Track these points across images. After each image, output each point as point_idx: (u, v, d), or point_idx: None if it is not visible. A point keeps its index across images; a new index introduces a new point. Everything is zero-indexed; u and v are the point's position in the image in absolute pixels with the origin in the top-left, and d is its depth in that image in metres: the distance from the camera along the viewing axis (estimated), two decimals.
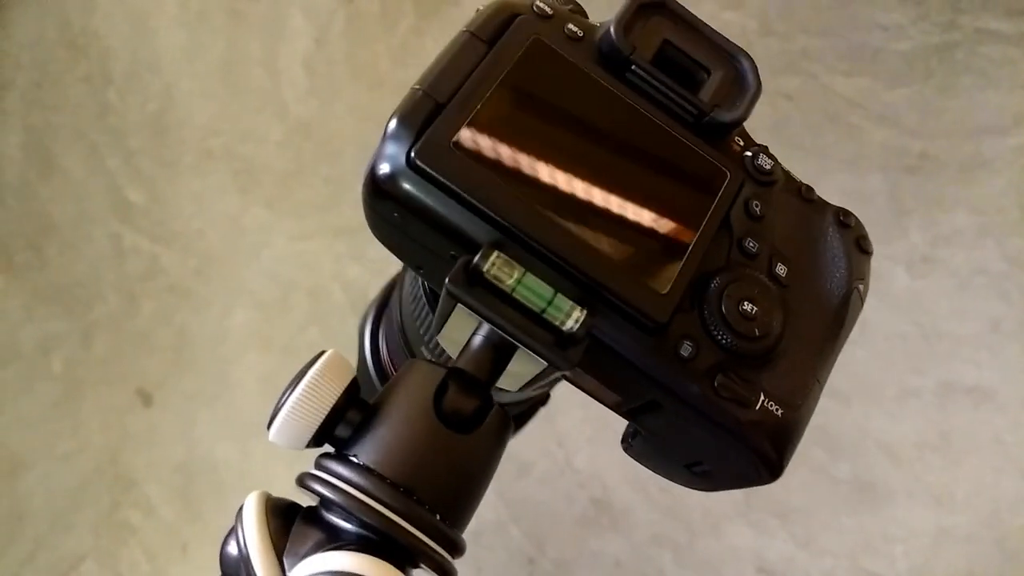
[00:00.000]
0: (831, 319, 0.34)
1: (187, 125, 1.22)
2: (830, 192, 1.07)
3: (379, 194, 0.29)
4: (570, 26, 0.33)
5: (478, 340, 0.30)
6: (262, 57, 1.25)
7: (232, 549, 0.28)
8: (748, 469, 0.32)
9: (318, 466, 0.29)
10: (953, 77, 1.09)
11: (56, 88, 1.23)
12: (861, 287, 0.36)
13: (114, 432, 1.07)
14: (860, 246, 0.36)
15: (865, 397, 0.94)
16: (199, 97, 1.23)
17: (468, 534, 0.92)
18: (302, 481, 0.29)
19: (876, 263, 1.00)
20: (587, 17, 0.35)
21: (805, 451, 0.93)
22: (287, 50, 1.25)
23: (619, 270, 0.29)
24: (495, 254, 0.28)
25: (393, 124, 0.29)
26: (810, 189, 0.36)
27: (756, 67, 0.34)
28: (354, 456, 0.29)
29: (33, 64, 1.24)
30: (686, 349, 0.30)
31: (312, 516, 0.29)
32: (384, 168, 0.29)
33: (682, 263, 0.30)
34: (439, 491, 0.29)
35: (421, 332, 0.46)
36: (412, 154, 0.28)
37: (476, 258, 0.28)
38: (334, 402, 0.29)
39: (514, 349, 0.29)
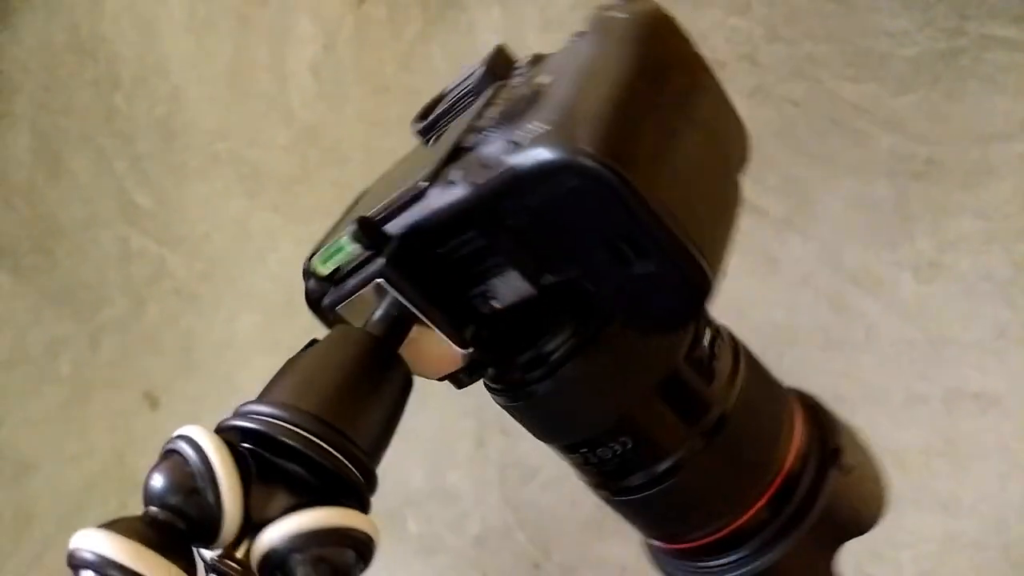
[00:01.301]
0: (593, 59, 0.31)
1: (194, 129, 1.22)
2: (837, 198, 1.07)
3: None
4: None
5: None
6: (269, 62, 1.25)
7: (161, 480, 0.25)
8: (586, 201, 0.27)
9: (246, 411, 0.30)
10: (959, 83, 1.09)
11: (64, 92, 1.23)
12: None
13: (121, 434, 1.07)
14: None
15: (871, 403, 0.94)
16: (206, 101, 1.24)
17: (473, 539, 0.92)
18: (234, 421, 0.29)
19: (882, 269, 1.00)
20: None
21: None
22: (294, 55, 1.25)
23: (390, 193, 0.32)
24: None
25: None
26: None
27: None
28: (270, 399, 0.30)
29: (41, 68, 1.24)
30: (455, 175, 0.30)
31: (260, 461, 0.27)
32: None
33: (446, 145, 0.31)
34: (347, 411, 0.29)
35: None
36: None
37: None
38: None
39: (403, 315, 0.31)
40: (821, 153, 1.08)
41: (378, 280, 0.31)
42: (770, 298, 1.01)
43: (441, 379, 0.35)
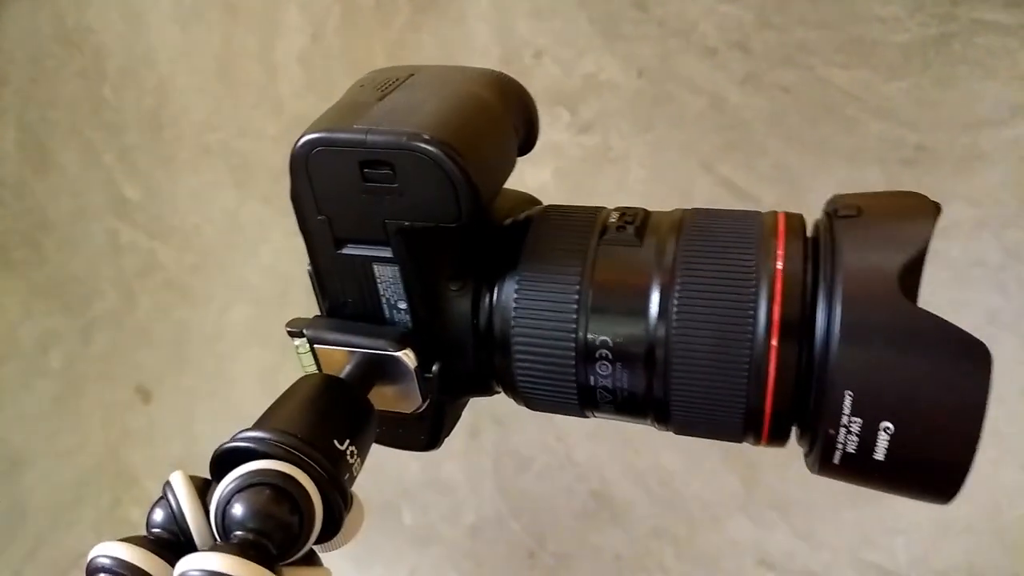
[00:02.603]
0: None
1: (183, 121, 1.21)
2: (828, 184, 1.07)
3: None
4: None
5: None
6: (258, 52, 1.25)
7: (158, 515, 0.32)
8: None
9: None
10: (950, 68, 1.09)
11: (51, 84, 1.22)
12: None
13: (114, 428, 1.07)
14: None
15: None
16: (195, 92, 1.23)
17: (468, 529, 0.92)
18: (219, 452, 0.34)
19: None
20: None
21: None
22: (283, 45, 1.25)
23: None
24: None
25: None
26: None
27: None
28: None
29: (28, 60, 1.24)
30: None
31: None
32: None
33: None
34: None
35: None
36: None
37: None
38: None
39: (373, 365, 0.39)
40: (812, 140, 1.08)
41: (316, 346, 0.40)
42: None
43: (428, 399, 0.39)
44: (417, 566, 0.99)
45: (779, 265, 0.33)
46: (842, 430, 0.31)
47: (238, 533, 0.29)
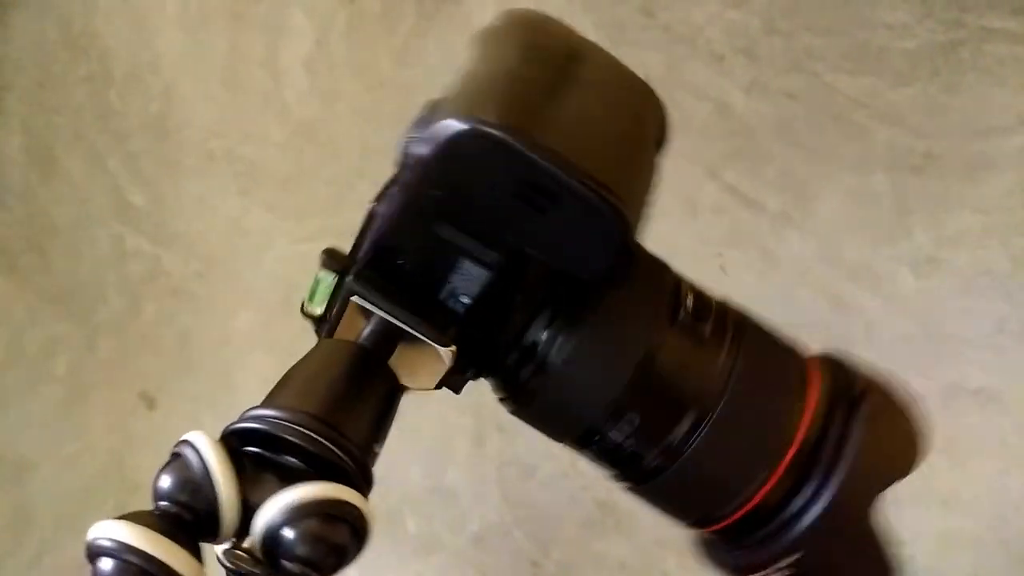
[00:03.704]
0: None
1: (188, 127, 1.21)
2: (835, 192, 1.07)
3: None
4: None
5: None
6: (263, 58, 1.25)
7: (168, 481, 0.28)
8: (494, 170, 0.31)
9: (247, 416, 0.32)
10: (959, 76, 1.08)
11: (57, 90, 1.23)
12: None
13: (118, 434, 1.07)
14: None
15: None
16: (200, 98, 1.23)
17: (472, 538, 0.92)
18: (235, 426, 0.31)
19: (881, 264, 1.00)
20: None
21: None
22: (288, 51, 1.25)
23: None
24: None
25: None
26: None
27: None
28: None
29: (34, 65, 1.24)
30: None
31: (259, 458, 0.30)
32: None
33: None
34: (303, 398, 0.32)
35: None
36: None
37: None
38: None
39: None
40: (819, 147, 1.08)
41: (353, 298, 0.34)
42: (768, 294, 1.01)
43: (438, 386, 0.37)
44: (421, 574, 0.99)
45: (800, 435, 0.37)
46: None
47: (289, 565, 0.27)
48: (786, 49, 1.14)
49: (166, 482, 0.28)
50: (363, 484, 0.30)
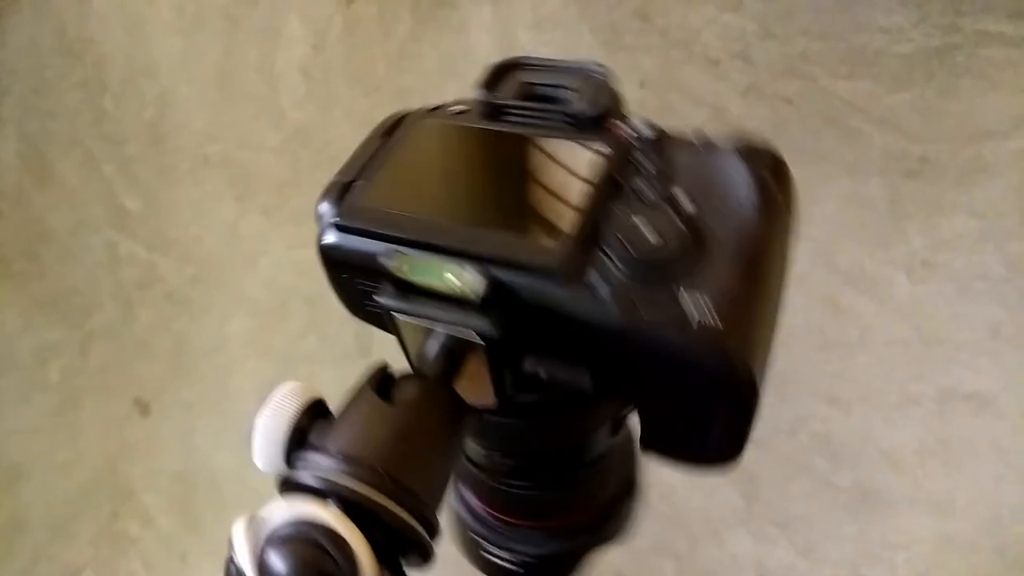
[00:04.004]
0: (755, 246, 0.34)
1: (184, 132, 1.21)
2: (830, 196, 1.06)
3: (329, 262, 0.35)
4: (452, 107, 0.39)
5: (429, 344, 0.34)
6: (259, 63, 1.25)
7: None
8: (712, 392, 0.31)
9: (291, 470, 0.32)
10: (954, 80, 1.08)
11: (52, 95, 1.22)
12: (786, 217, 0.38)
13: (112, 441, 1.06)
14: (775, 174, 0.37)
15: (866, 404, 0.94)
16: (196, 103, 1.23)
17: None
18: (281, 485, 0.31)
19: (876, 269, 0.99)
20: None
21: (806, 459, 0.92)
22: (284, 56, 1.25)
23: (511, 242, 0.32)
24: (406, 262, 0.32)
25: (320, 206, 0.35)
26: (702, 132, 0.37)
27: (605, 67, 0.38)
28: (320, 448, 0.31)
29: (29, 71, 1.24)
30: (596, 280, 0.31)
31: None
32: (325, 240, 0.34)
33: (573, 220, 0.33)
34: (392, 461, 0.31)
35: None
36: (336, 220, 0.34)
37: (384, 260, 0.32)
38: (294, 417, 0.32)
39: (463, 347, 0.33)
40: (814, 151, 1.08)
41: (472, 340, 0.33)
42: None
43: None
44: None
45: None
46: None
47: None
48: (782, 53, 1.14)
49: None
50: (433, 550, 0.30)
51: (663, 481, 0.95)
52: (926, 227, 1.01)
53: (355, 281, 0.36)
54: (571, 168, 0.35)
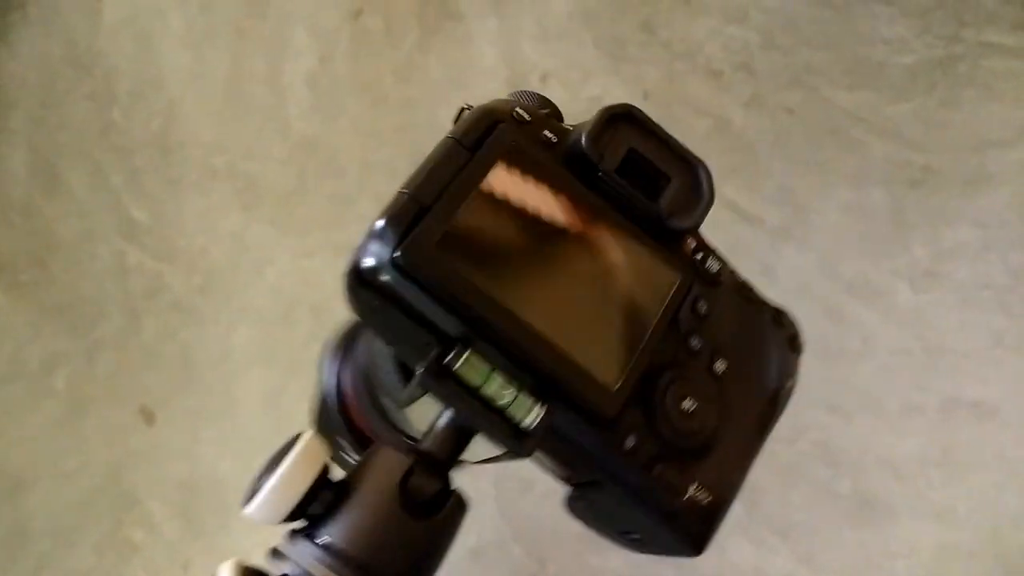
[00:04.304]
0: (761, 413, 0.38)
1: (191, 143, 1.22)
2: (833, 206, 1.07)
3: (363, 285, 0.31)
4: (545, 132, 0.35)
5: (443, 422, 0.34)
6: (266, 75, 1.26)
7: None
8: (674, 546, 0.36)
9: (288, 542, 0.32)
10: (957, 90, 1.08)
11: (61, 107, 1.24)
12: (790, 383, 0.40)
13: (117, 449, 1.07)
14: (792, 345, 0.41)
15: (867, 413, 0.93)
16: (203, 115, 1.24)
17: (469, 552, 0.91)
18: (272, 557, 0.31)
19: (879, 278, 1.00)
20: (563, 120, 0.38)
21: (807, 467, 0.92)
22: (291, 68, 1.26)
23: (576, 367, 0.32)
24: (467, 354, 0.30)
25: (380, 224, 0.31)
26: (750, 288, 0.39)
27: (711, 177, 0.36)
28: (324, 535, 0.31)
29: (38, 83, 1.25)
30: (630, 441, 0.33)
31: None
32: (369, 263, 0.31)
33: (632, 360, 0.33)
34: (399, 572, 0.31)
35: (386, 384, 0.48)
36: (396, 255, 0.30)
37: (449, 356, 0.30)
38: (308, 486, 0.31)
39: (475, 432, 0.33)
40: (817, 162, 1.08)
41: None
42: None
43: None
44: None
45: None
46: None
47: None
48: (785, 64, 1.14)
49: None
50: None
51: None
52: (929, 237, 1.01)
53: (387, 316, 0.32)
54: (645, 288, 0.35)
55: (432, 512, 0.33)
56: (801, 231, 1.03)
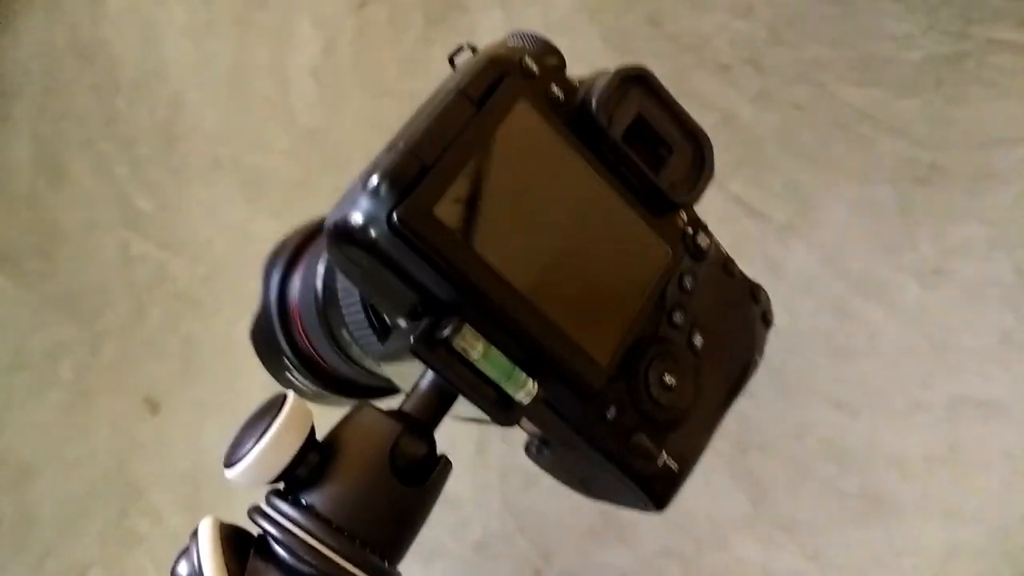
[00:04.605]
0: (731, 386, 0.39)
1: (195, 133, 1.22)
2: (840, 203, 1.06)
3: (350, 242, 0.30)
4: (553, 88, 0.34)
5: (426, 384, 0.33)
6: (270, 66, 1.25)
7: (183, 570, 0.29)
8: (639, 503, 0.36)
9: (271, 505, 0.31)
10: (964, 87, 1.08)
11: (65, 96, 1.23)
12: (759, 357, 0.41)
13: (122, 440, 1.07)
14: (765, 319, 0.41)
15: (874, 410, 0.94)
16: (207, 105, 1.24)
17: (474, 545, 0.92)
18: (255, 517, 0.31)
19: (886, 275, 1.00)
20: (565, 66, 0.37)
21: (813, 464, 0.92)
22: (295, 59, 1.25)
23: (570, 341, 0.32)
24: (464, 327, 0.29)
25: (375, 180, 0.29)
26: (732, 262, 0.40)
27: (713, 151, 0.37)
28: (308, 499, 0.31)
29: (42, 72, 1.24)
30: (611, 412, 0.34)
31: (266, 551, 0.30)
32: (359, 220, 0.29)
33: (621, 334, 0.33)
34: (386, 537, 0.32)
35: (349, 322, 0.46)
36: (394, 216, 0.29)
37: (446, 329, 0.29)
38: (295, 452, 0.31)
39: (457, 395, 0.32)
40: (824, 158, 1.08)
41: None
42: (773, 304, 1.01)
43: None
44: None
45: None
46: None
47: None
48: (792, 60, 1.14)
49: (181, 570, 0.29)
50: None
51: None
52: (936, 234, 1.01)
53: (374, 274, 0.31)
54: (638, 261, 0.35)
55: (422, 478, 0.32)
56: (808, 227, 1.03)
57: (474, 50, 0.35)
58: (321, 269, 0.49)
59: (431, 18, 1.26)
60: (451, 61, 0.35)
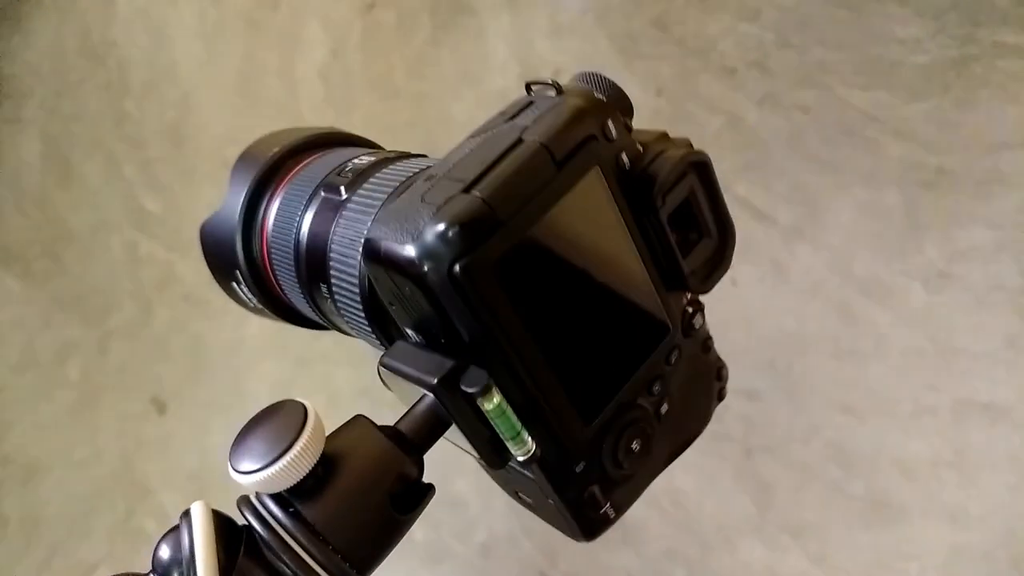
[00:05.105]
0: (675, 451, 0.40)
1: (204, 134, 1.22)
2: (846, 206, 1.06)
3: (401, 272, 0.29)
4: (623, 156, 0.33)
5: (423, 409, 0.32)
6: (279, 67, 1.26)
7: (165, 552, 0.28)
8: (572, 534, 0.37)
9: (264, 506, 0.30)
10: (971, 91, 1.08)
11: (75, 97, 1.24)
12: (705, 427, 0.41)
13: (129, 439, 1.07)
14: (720, 395, 0.42)
15: (880, 414, 0.94)
16: (216, 106, 1.24)
17: (480, 547, 0.92)
18: (245, 511, 0.30)
19: (892, 278, 0.99)
20: (632, 112, 0.36)
21: (819, 467, 0.92)
22: (304, 60, 1.26)
23: (568, 405, 0.32)
24: (487, 384, 0.29)
25: (444, 226, 0.27)
26: (711, 340, 0.40)
27: (734, 248, 0.37)
28: (303, 508, 0.30)
29: (53, 73, 1.25)
30: (580, 467, 0.34)
31: (256, 553, 0.30)
32: (419, 257, 0.28)
33: (611, 399, 0.34)
34: (367, 555, 0.31)
35: (334, 287, 0.43)
36: (456, 267, 0.28)
37: (474, 389, 0.29)
38: (311, 468, 0.30)
39: (450, 424, 0.32)
40: (831, 161, 1.08)
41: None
42: (780, 307, 1.01)
43: None
44: None
45: None
46: None
47: None
48: (799, 63, 1.14)
49: (162, 552, 0.27)
50: None
51: (675, 487, 0.95)
52: (943, 237, 1.01)
53: (406, 303, 0.31)
54: (641, 331, 0.35)
55: (412, 505, 0.32)
56: (814, 230, 1.03)
57: (558, 89, 0.34)
58: (309, 218, 0.45)
59: (439, 21, 1.26)
60: (528, 88, 0.35)
